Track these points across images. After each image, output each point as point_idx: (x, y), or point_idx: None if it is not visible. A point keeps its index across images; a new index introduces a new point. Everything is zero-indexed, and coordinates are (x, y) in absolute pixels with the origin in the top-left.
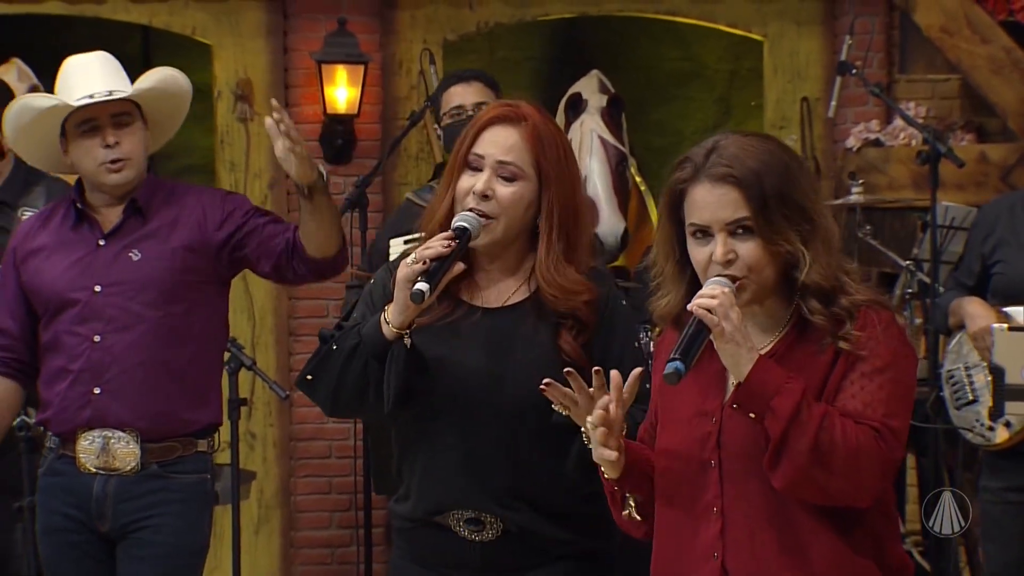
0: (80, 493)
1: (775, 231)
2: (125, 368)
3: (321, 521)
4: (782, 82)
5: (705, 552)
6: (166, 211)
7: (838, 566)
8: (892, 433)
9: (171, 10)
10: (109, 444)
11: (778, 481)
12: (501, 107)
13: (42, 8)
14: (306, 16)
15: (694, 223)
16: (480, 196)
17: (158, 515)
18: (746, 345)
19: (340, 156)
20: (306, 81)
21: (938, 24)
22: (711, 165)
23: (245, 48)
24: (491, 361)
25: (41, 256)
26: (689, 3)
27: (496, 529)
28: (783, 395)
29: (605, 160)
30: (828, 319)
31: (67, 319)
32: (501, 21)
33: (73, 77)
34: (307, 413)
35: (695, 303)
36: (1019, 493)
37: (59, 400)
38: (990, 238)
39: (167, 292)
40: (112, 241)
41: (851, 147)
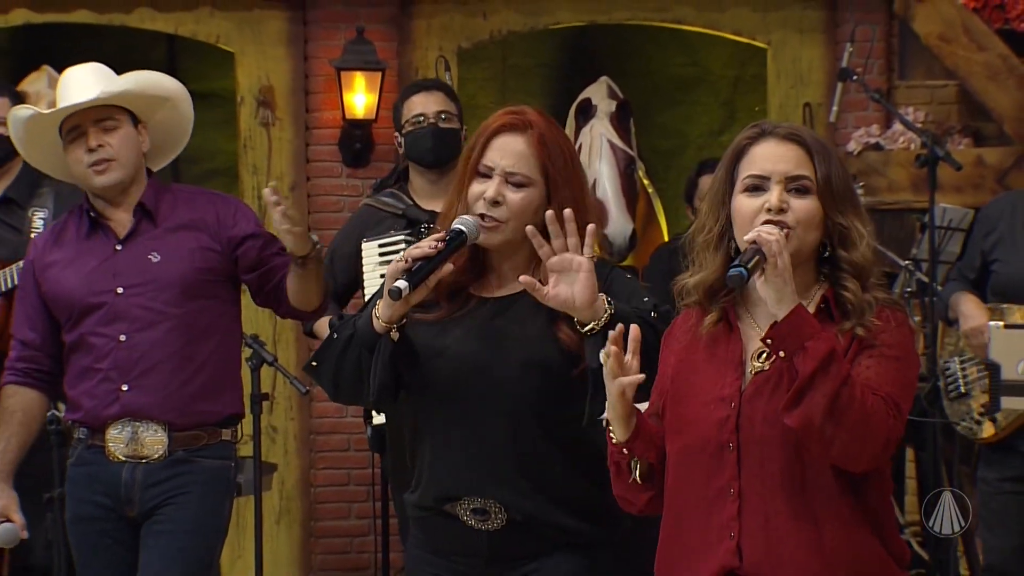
0: (109, 481)
1: (835, 200)
2: (151, 365)
3: (340, 511)
4: (785, 88)
5: (720, 532)
6: (178, 213)
7: (848, 544)
8: (899, 411)
9: (196, 19)
10: (138, 433)
11: (793, 419)
12: (507, 115)
13: (72, 17)
14: (326, 25)
15: (752, 174)
16: (491, 203)
17: (181, 495)
18: (791, 285)
19: (358, 160)
20: (326, 87)
21: (936, 32)
22: (780, 128)
23: (267, 56)
24: (491, 350)
25: (59, 267)
26: (695, 12)
27: (501, 518)
28: (819, 340)
29: (614, 163)
30: (858, 301)
31: (92, 321)
32: (513, 29)
33: (66, 88)
34: (326, 408)
35: (757, 231)
36: (1015, 483)
37: (88, 397)
38: (991, 235)
39: (187, 290)
40: (129, 245)
41: (852, 151)
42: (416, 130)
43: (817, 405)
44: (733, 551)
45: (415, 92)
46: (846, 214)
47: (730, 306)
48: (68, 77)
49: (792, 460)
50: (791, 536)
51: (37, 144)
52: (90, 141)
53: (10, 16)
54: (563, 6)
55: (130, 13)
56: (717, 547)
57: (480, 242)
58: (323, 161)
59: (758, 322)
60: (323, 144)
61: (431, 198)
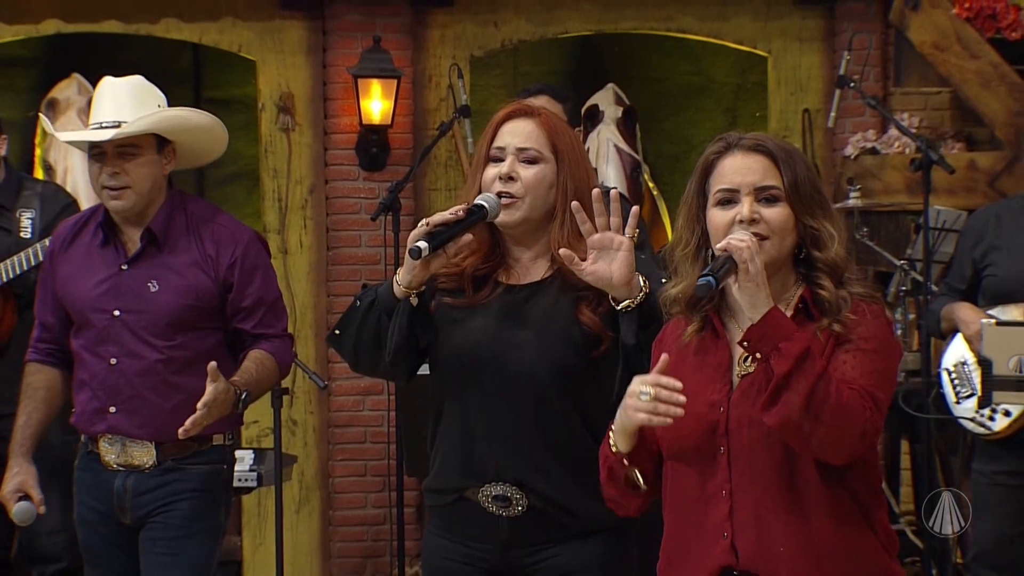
0: (104, 488)
1: (804, 204)
2: (137, 391)
3: (357, 501)
4: (785, 95)
5: (715, 532)
6: (183, 243)
7: (839, 537)
8: (876, 402)
9: (219, 29)
10: (127, 446)
11: (771, 418)
12: (514, 105)
13: (101, 27)
14: (343, 34)
15: (722, 188)
16: (506, 179)
17: (173, 501)
18: (765, 289)
19: (374, 163)
20: (343, 94)
21: (930, 41)
22: (745, 140)
23: (287, 64)
24: (514, 335)
25: (71, 268)
26: (698, 21)
27: (523, 505)
28: (792, 341)
29: (620, 167)
30: (834, 299)
31: (89, 337)
32: (524, 38)
33: (100, 100)
34: (344, 402)
35: (726, 240)
36: (1011, 476)
37: (81, 409)
38: (980, 244)
39: (179, 323)
40: (133, 267)
41: (849, 155)
42: None
43: (793, 403)
44: (728, 550)
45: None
46: (816, 216)
47: (714, 314)
48: (104, 90)
49: (780, 459)
50: (782, 532)
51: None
52: (107, 167)
53: (42, 26)
54: (572, 16)
55: (156, 23)
56: (713, 547)
57: (500, 221)
58: (340, 165)
59: (742, 327)
60: (340, 148)
61: None
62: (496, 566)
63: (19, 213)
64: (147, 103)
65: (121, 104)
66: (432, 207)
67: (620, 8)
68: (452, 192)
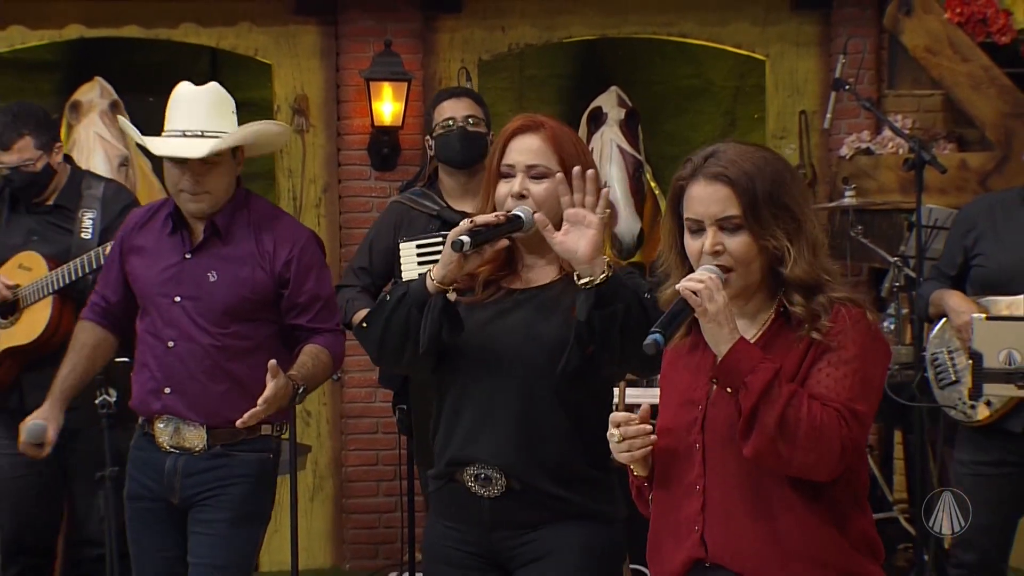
0: (157, 467)
1: (763, 227)
2: (192, 374)
3: (369, 490)
4: (782, 97)
5: (688, 526)
6: (243, 238)
7: (806, 536)
8: (855, 416)
9: (236, 34)
10: (180, 428)
11: (747, 449)
12: (520, 120)
13: (122, 32)
14: (356, 39)
15: (689, 217)
16: (517, 197)
17: (221, 488)
18: (728, 326)
19: (386, 164)
20: (356, 96)
21: (923, 45)
22: (708, 166)
23: (302, 67)
24: (512, 331)
25: (141, 254)
26: (699, 26)
27: (500, 485)
28: (756, 373)
29: (623, 167)
30: (807, 311)
31: (152, 320)
32: (530, 42)
33: (176, 107)
34: (356, 393)
35: (682, 284)
36: (992, 467)
37: (139, 390)
38: (971, 233)
39: (234, 313)
40: (196, 256)
41: (844, 155)
42: (445, 133)
43: (764, 433)
44: (698, 543)
45: (446, 98)
46: (777, 236)
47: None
48: (183, 98)
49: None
50: (749, 529)
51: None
52: (189, 175)
53: (65, 31)
54: (576, 21)
55: (176, 28)
56: (686, 539)
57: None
58: (353, 165)
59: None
60: (353, 149)
61: (460, 198)
62: (483, 549)
63: (81, 213)
64: (225, 112)
65: (202, 113)
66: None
67: (623, 13)
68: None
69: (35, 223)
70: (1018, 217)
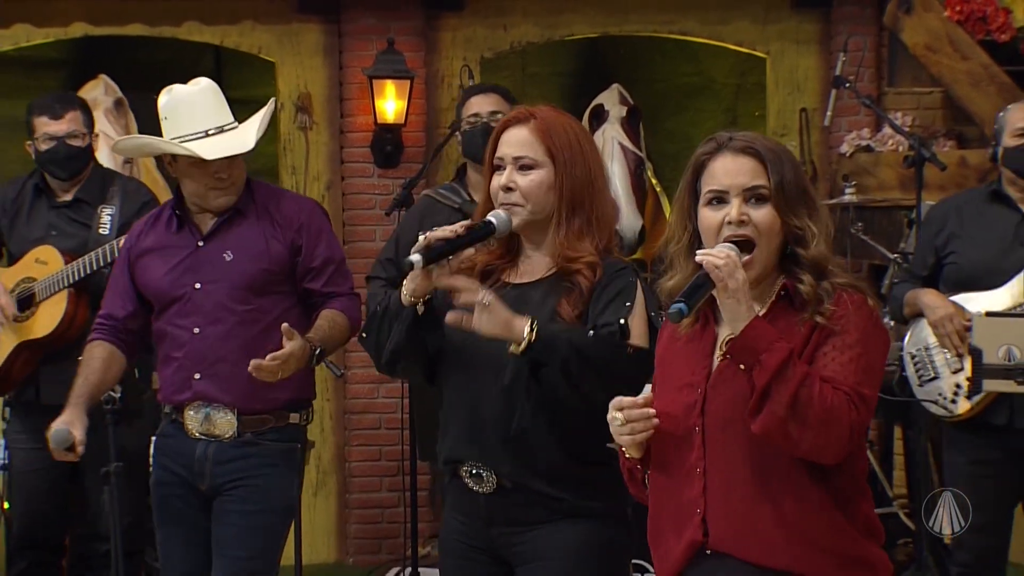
0: (186, 454)
1: (789, 205)
2: (220, 356)
3: (372, 485)
4: (783, 95)
5: (689, 509)
6: (262, 217)
7: (808, 518)
8: (862, 399)
9: (240, 32)
10: (211, 415)
11: (757, 427)
12: (513, 113)
13: (126, 30)
14: (359, 37)
15: (712, 189)
16: (505, 189)
17: (249, 477)
18: (746, 303)
19: (389, 161)
20: (359, 94)
21: (923, 43)
22: (735, 141)
23: (305, 65)
24: None
25: (149, 257)
26: (700, 24)
27: (491, 483)
28: (772, 352)
29: (624, 164)
30: (814, 294)
31: (172, 314)
32: (532, 40)
33: (189, 108)
34: (359, 389)
35: (704, 256)
36: (981, 467)
37: (167, 381)
38: (942, 233)
39: (254, 288)
40: (209, 243)
41: (845, 152)
42: (471, 128)
43: (776, 412)
44: (699, 525)
45: (474, 94)
46: (800, 216)
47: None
48: (191, 99)
49: (753, 439)
50: (751, 511)
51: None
52: (219, 172)
53: (70, 29)
54: (578, 19)
55: (180, 26)
56: (688, 523)
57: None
58: (356, 162)
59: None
60: (356, 147)
61: None
62: (484, 543)
63: (100, 209)
64: (224, 103)
65: (211, 109)
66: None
67: (624, 11)
68: None
69: (55, 217)
70: (986, 214)
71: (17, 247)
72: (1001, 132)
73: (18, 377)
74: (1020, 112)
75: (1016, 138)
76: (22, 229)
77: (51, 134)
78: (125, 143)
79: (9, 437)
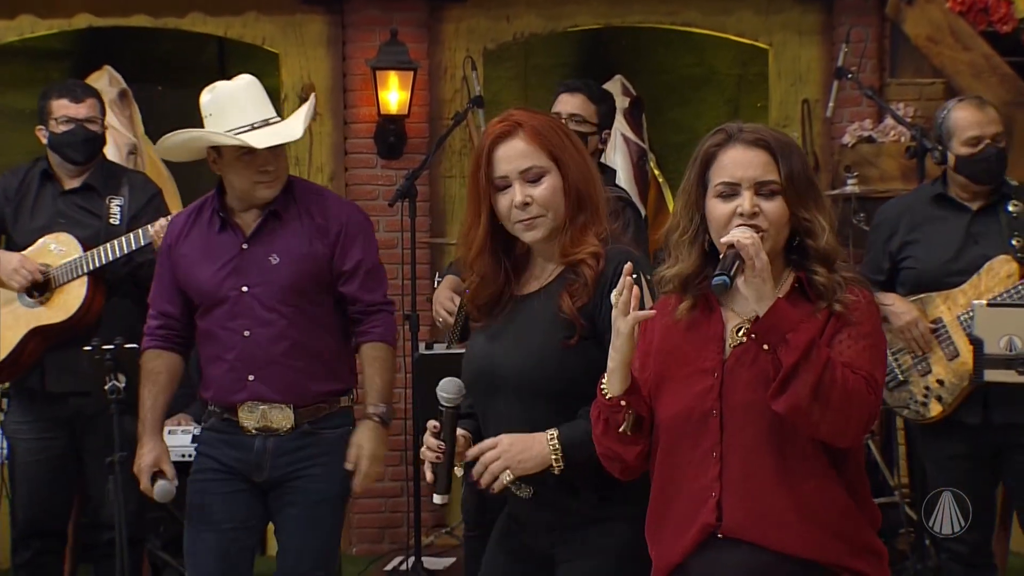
0: (242, 447)
1: (798, 197)
2: (273, 358)
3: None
4: (785, 86)
5: (704, 492)
6: (303, 218)
7: (826, 503)
8: (877, 385)
9: (244, 23)
10: (266, 412)
11: (781, 406)
12: (495, 126)
13: (130, 21)
14: (362, 28)
15: (723, 181)
16: (521, 207)
17: (308, 467)
18: (770, 283)
19: (392, 152)
20: (362, 85)
21: (925, 34)
22: (745, 133)
23: (308, 56)
24: (506, 348)
25: (192, 258)
26: (702, 15)
27: (529, 490)
28: (799, 331)
29: (627, 155)
30: (829, 282)
31: (220, 315)
32: (535, 32)
33: (232, 103)
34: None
35: (734, 235)
36: (961, 460)
37: (218, 382)
38: (895, 237)
39: (300, 290)
40: (253, 244)
41: (847, 143)
42: None
43: (802, 392)
44: (713, 509)
45: (562, 92)
46: (809, 208)
47: (708, 291)
48: (236, 93)
49: (773, 425)
50: (769, 494)
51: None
52: (266, 166)
53: (74, 20)
54: (581, 10)
55: (183, 17)
56: (701, 508)
57: (529, 240)
58: (360, 153)
59: (732, 306)
60: (360, 138)
61: None
62: (527, 541)
63: (109, 200)
64: (266, 98)
65: (260, 103)
66: (447, 193)
67: (627, 3)
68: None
69: (63, 204)
70: (936, 217)
71: (22, 235)
72: (949, 137)
73: (27, 363)
74: (969, 118)
75: (968, 147)
76: (27, 216)
77: (71, 116)
78: (172, 139)
79: (9, 428)
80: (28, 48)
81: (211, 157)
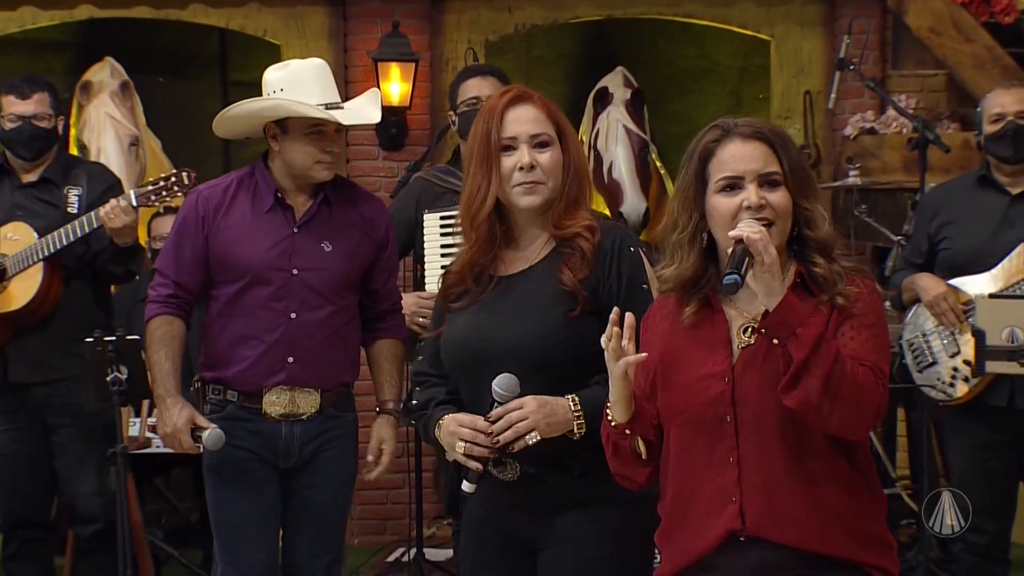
0: (268, 435)
1: (800, 187)
2: (315, 343)
3: None
4: (787, 77)
5: (723, 498)
6: (351, 210)
7: (844, 500)
8: (884, 376)
9: (245, 14)
10: (295, 397)
11: (792, 400)
12: (510, 91)
13: (132, 12)
14: (364, 19)
15: (726, 175)
16: (528, 168)
17: (330, 449)
18: (779, 277)
19: (394, 143)
20: (364, 77)
21: (927, 25)
22: (741, 127)
23: (310, 48)
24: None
25: (237, 233)
26: (704, 6)
27: (515, 471)
28: (808, 326)
29: (629, 147)
30: (829, 274)
31: (264, 295)
32: (537, 23)
33: (314, 82)
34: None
35: (741, 229)
36: (983, 449)
37: (251, 362)
38: (935, 220)
39: (348, 282)
40: (305, 229)
41: (849, 135)
42: (470, 111)
43: (813, 386)
44: (736, 514)
45: (471, 76)
46: (808, 198)
47: (711, 292)
48: (316, 74)
49: (787, 425)
50: (789, 495)
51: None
52: (331, 146)
53: (76, 12)
54: (583, 2)
55: (185, 8)
56: (721, 512)
57: (525, 205)
58: (361, 145)
59: (736, 304)
60: (361, 129)
61: None
62: (508, 527)
63: (67, 190)
64: (335, 84)
65: (331, 86)
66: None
67: None
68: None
69: (21, 197)
70: (976, 199)
71: None
72: (981, 119)
73: None
74: (995, 98)
75: (993, 124)
76: None
77: (18, 113)
78: (245, 107)
79: None
80: (29, 39)
81: (271, 132)
